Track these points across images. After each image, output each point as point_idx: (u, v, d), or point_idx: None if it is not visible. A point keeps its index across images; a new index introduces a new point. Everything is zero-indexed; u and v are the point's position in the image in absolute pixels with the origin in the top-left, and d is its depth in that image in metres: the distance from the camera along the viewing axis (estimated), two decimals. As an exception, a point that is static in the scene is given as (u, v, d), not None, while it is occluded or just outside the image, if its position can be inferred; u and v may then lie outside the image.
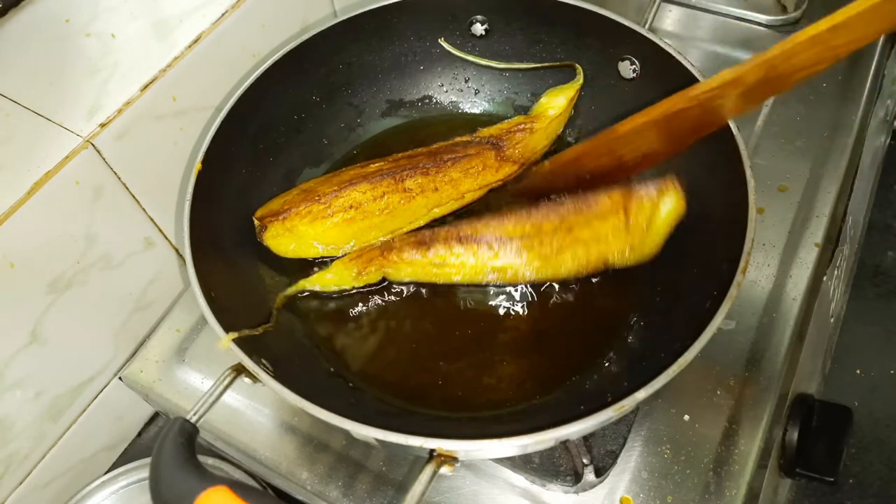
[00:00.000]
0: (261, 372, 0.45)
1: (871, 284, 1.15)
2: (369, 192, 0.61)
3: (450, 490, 0.56)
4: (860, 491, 0.96)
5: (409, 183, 0.62)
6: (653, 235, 0.56)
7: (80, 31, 0.61)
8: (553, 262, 0.57)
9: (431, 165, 0.63)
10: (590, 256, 0.57)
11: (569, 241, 0.57)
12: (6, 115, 0.55)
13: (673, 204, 0.56)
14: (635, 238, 0.56)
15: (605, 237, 0.57)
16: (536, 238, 0.57)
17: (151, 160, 0.61)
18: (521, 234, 0.58)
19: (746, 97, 0.50)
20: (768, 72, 0.48)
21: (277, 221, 0.59)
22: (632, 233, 0.56)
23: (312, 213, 0.60)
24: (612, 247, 0.57)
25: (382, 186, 0.61)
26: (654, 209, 0.56)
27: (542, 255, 0.57)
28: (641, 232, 0.56)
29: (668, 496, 0.54)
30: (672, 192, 0.56)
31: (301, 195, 0.61)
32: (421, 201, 0.62)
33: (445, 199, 0.63)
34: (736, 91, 0.49)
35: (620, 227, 0.56)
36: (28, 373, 0.57)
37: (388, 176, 0.61)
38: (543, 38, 0.69)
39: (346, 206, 0.60)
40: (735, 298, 0.45)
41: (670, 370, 0.42)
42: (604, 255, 0.57)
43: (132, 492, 0.63)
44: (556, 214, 0.58)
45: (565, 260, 0.57)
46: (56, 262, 0.55)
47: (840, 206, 0.69)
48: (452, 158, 0.63)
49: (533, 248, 0.57)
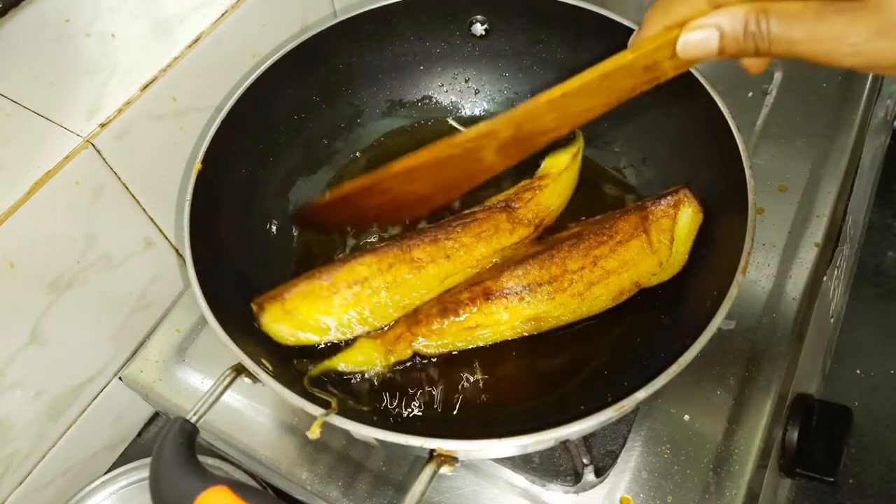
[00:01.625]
0: (261, 372, 0.45)
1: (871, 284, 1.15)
2: (375, 265, 0.56)
3: (450, 490, 0.56)
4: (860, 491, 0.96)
5: (416, 252, 0.57)
6: (678, 249, 0.56)
7: (80, 31, 0.61)
8: (588, 299, 0.56)
9: (439, 231, 0.59)
10: (623, 284, 0.56)
11: (598, 274, 0.56)
12: (6, 115, 0.55)
13: (690, 214, 0.56)
14: (662, 256, 0.56)
15: (633, 262, 0.56)
16: (565, 278, 0.56)
17: (151, 160, 0.61)
18: (549, 277, 0.56)
19: (503, 152, 0.51)
20: (517, 130, 0.49)
21: (277, 303, 0.54)
22: (657, 251, 0.56)
23: (315, 293, 0.55)
24: (641, 269, 0.56)
25: (389, 258, 0.57)
26: (672, 223, 0.56)
27: (575, 294, 0.56)
28: (666, 249, 0.56)
29: (668, 496, 0.54)
30: (686, 201, 0.56)
31: (301, 276, 0.57)
32: (432, 271, 0.58)
33: (459, 266, 0.58)
34: (493, 143, 0.50)
35: (645, 249, 0.56)
36: (28, 373, 0.57)
37: (394, 246, 0.58)
38: (543, 38, 0.69)
39: (351, 282, 0.56)
40: (735, 298, 0.45)
41: (670, 370, 0.42)
42: (635, 279, 0.56)
43: (132, 492, 0.63)
44: (579, 250, 0.56)
45: (599, 294, 0.56)
46: (56, 262, 0.55)
47: (840, 206, 0.69)
48: (462, 224, 0.59)
49: (564, 290, 0.56)
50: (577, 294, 0.56)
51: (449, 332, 0.55)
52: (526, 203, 0.61)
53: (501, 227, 0.60)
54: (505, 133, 0.50)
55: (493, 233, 0.60)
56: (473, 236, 0.59)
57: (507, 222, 0.60)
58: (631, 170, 0.66)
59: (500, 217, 0.60)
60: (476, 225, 0.59)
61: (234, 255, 0.59)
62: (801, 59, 0.37)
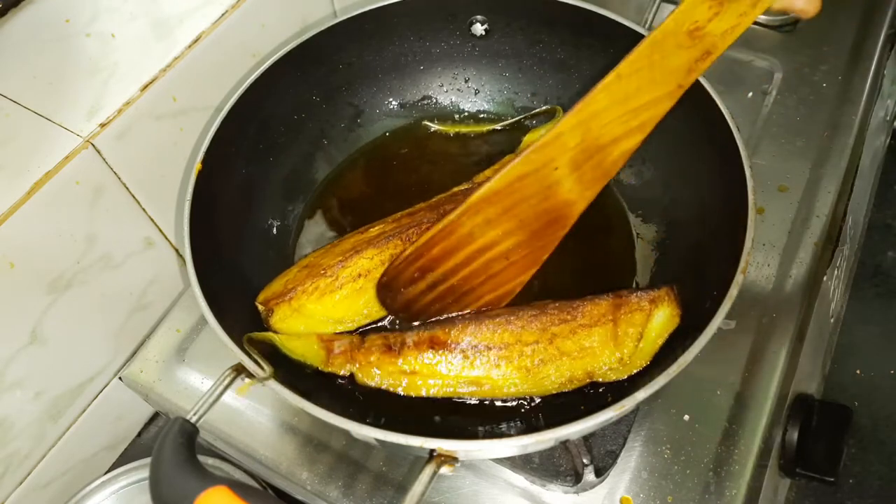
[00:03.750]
0: (261, 372, 0.45)
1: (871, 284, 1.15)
2: (377, 258, 0.57)
3: (450, 490, 0.56)
4: (860, 491, 0.96)
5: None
6: (643, 349, 0.52)
7: (80, 31, 0.61)
8: (534, 376, 0.52)
9: (437, 219, 0.58)
10: (574, 371, 0.52)
11: (551, 352, 0.52)
12: (6, 115, 0.55)
13: (667, 314, 0.52)
14: (624, 351, 0.52)
15: (592, 350, 0.52)
16: (516, 348, 0.53)
17: (151, 160, 0.61)
18: (500, 342, 0.53)
19: (578, 174, 0.50)
20: (584, 134, 0.48)
21: (284, 303, 0.55)
22: (621, 345, 0.52)
23: (320, 289, 0.56)
24: (598, 360, 0.52)
25: (389, 249, 0.58)
26: (645, 320, 0.52)
27: (522, 367, 0.52)
28: (632, 344, 0.52)
29: (668, 496, 0.54)
30: (666, 301, 0.52)
31: (304, 272, 0.58)
32: None
33: None
34: (563, 156, 0.49)
35: (608, 340, 0.52)
36: (28, 373, 0.57)
37: (394, 237, 0.58)
38: (543, 38, 0.69)
39: (354, 275, 0.57)
40: (735, 298, 0.45)
41: (670, 370, 0.42)
42: (589, 369, 0.52)
43: (132, 492, 0.63)
44: (539, 322, 0.53)
45: (547, 374, 0.52)
46: (56, 262, 0.55)
47: (840, 206, 0.69)
48: (454, 208, 0.59)
49: (512, 360, 0.53)
50: (524, 368, 0.52)
51: (385, 370, 0.53)
52: None
53: None
54: (571, 139, 0.49)
55: None
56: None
57: None
58: (630, 170, 0.66)
59: None
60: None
61: (235, 255, 0.59)
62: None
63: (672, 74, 0.46)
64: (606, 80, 0.47)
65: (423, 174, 0.70)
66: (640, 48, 0.45)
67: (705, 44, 0.45)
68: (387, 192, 0.69)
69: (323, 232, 0.67)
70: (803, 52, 0.79)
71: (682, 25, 0.44)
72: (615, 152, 0.49)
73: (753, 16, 0.44)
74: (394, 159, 0.71)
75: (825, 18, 0.59)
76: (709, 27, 0.44)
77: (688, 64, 0.46)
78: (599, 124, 0.48)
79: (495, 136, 0.72)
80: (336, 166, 0.71)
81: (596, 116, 0.48)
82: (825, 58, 0.79)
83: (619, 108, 0.47)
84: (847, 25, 0.82)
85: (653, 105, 0.47)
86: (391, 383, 0.53)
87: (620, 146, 0.49)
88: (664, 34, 0.45)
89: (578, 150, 0.49)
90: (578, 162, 0.50)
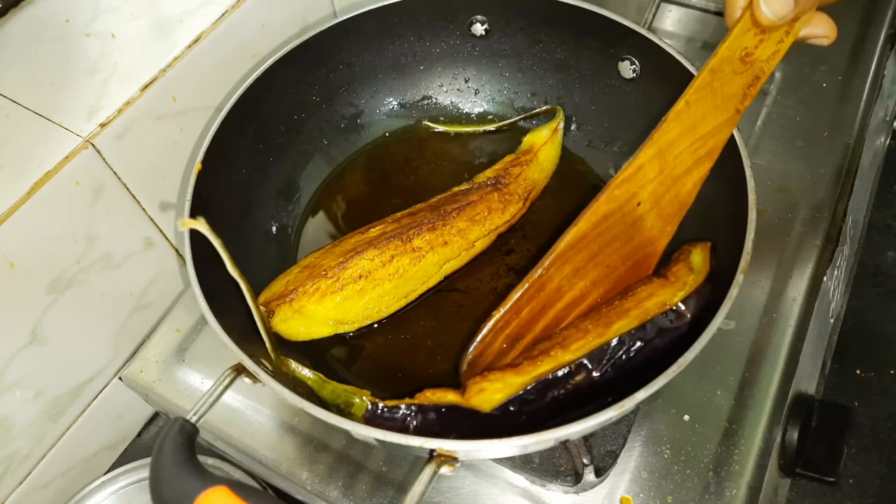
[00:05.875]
0: (261, 372, 0.45)
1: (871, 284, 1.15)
2: (377, 259, 0.57)
3: (450, 490, 0.56)
4: (860, 491, 0.96)
5: (417, 242, 0.58)
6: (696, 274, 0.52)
7: (80, 31, 0.61)
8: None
9: (437, 219, 0.59)
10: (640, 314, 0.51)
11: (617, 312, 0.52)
12: (6, 115, 0.55)
13: (699, 252, 0.53)
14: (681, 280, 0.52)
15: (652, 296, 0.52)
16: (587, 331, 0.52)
17: (151, 160, 0.61)
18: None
19: (658, 207, 0.51)
20: (661, 164, 0.50)
21: (285, 304, 0.55)
22: (674, 283, 0.52)
23: (321, 290, 0.56)
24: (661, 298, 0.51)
25: (390, 250, 0.58)
26: (688, 260, 0.53)
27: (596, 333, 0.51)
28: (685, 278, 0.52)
29: (668, 496, 0.54)
30: (697, 248, 0.53)
31: (305, 272, 0.58)
32: (432, 259, 0.59)
33: (456, 251, 0.60)
34: (644, 189, 0.51)
35: (662, 285, 0.52)
36: (28, 373, 0.57)
37: (395, 238, 0.58)
38: (543, 38, 0.69)
39: (355, 276, 0.57)
40: (735, 298, 0.45)
41: (670, 370, 0.42)
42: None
43: (132, 492, 0.63)
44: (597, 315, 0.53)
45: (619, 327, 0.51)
46: (56, 262, 0.55)
47: (840, 206, 0.69)
48: (457, 208, 0.60)
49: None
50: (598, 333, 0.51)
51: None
52: (515, 178, 0.64)
53: (493, 206, 0.62)
54: (651, 170, 0.50)
55: (487, 214, 0.62)
56: (468, 220, 0.61)
57: (499, 201, 0.63)
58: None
59: (492, 197, 0.62)
60: (470, 208, 0.61)
61: (234, 254, 0.58)
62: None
63: (731, 100, 0.49)
64: (676, 108, 0.49)
65: (423, 174, 0.70)
66: (702, 75, 0.49)
67: (755, 69, 0.49)
68: (387, 192, 0.69)
69: (323, 232, 0.67)
70: (803, 52, 0.79)
71: (736, 52, 0.48)
72: (689, 182, 0.52)
73: (789, 42, 0.48)
74: (394, 159, 0.71)
75: (825, 18, 0.59)
76: (757, 53, 0.48)
77: (742, 89, 0.49)
78: (673, 154, 0.50)
79: (495, 136, 0.72)
80: (336, 166, 0.71)
81: (670, 146, 0.50)
82: (825, 58, 0.79)
83: (690, 136, 0.50)
84: (847, 25, 0.82)
85: (717, 132, 0.50)
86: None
87: (692, 175, 0.51)
88: (720, 61, 0.48)
89: (657, 183, 0.51)
90: (658, 195, 0.51)
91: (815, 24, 0.47)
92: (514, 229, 0.65)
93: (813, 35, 0.48)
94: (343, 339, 0.59)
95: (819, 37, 0.48)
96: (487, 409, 0.47)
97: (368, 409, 0.47)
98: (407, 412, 0.47)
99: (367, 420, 0.47)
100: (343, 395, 0.50)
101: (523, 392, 0.47)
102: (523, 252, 0.64)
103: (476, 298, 0.61)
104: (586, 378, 0.48)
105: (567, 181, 0.68)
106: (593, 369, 0.48)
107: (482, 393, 0.47)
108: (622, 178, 0.51)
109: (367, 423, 0.42)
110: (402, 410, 0.47)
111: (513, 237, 0.65)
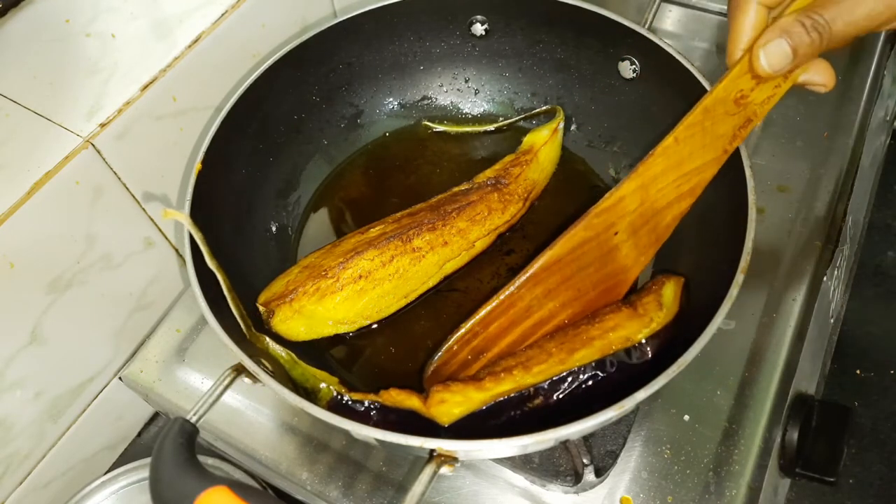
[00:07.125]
0: (261, 372, 0.45)
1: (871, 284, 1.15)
2: (377, 259, 0.57)
3: (450, 490, 0.56)
4: (860, 491, 0.96)
5: (417, 242, 0.58)
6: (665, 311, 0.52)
7: (80, 31, 0.61)
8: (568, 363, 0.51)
9: (437, 219, 0.59)
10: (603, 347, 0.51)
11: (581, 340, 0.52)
12: (6, 115, 0.55)
13: (672, 285, 0.53)
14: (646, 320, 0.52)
15: (618, 327, 0.52)
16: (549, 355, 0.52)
17: (151, 160, 0.61)
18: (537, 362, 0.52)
19: (635, 238, 0.51)
20: (642, 197, 0.51)
21: (285, 304, 0.55)
22: (642, 316, 0.52)
23: (321, 290, 0.56)
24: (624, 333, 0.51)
25: (390, 250, 0.58)
26: (658, 297, 0.53)
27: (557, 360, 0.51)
28: (653, 313, 0.52)
29: (668, 496, 0.54)
30: (670, 281, 0.53)
31: (304, 272, 0.58)
32: (432, 259, 0.59)
33: (456, 251, 0.60)
34: (622, 219, 0.51)
35: (630, 317, 0.52)
36: (28, 373, 0.57)
37: (395, 238, 0.58)
38: (543, 38, 0.69)
39: (355, 276, 0.57)
40: (735, 298, 0.45)
41: (670, 370, 0.42)
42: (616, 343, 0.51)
43: (132, 492, 0.63)
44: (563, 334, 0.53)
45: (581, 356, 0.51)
46: (56, 262, 0.55)
47: (840, 206, 0.69)
48: (457, 208, 0.60)
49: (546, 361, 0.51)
50: (560, 361, 0.51)
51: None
52: (515, 178, 0.64)
53: (493, 206, 0.62)
54: (632, 203, 0.51)
55: (487, 214, 0.62)
56: (468, 220, 0.61)
57: (499, 202, 0.62)
58: (630, 170, 0.66)
59: (492, 197, 0.62)
60: (470, 208, 0.61)
61: (234, 254, 0.59)
62: (857, 31, 0.41)
63: (720, 140, 0.49)
64: (664, 143, 0.49)
65: (423, 174, 0.70)
66: (694, 113, 0.48)
67: (748, 111, 0.48)
68: (387, 192, 0.69)
69: (323, 232, 0.67)
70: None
71: (731, 93, 0.48)
72: (668, 216, 0.52)
73: (785, 88, 0.48)
74: (394, 159, 0.71)
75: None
76: (752, 96, 0.48)
77: (733, 130, 0.49)
78: (656, 188, 0.51)
79: (495, 137, 0.73)
80: (336, 166, 0.71)
81: (654, 180, 0.50)
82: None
83: (675, 172, 0.50)
84: (847, 25, 0.82)
85: (702, 170, 0.50)
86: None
87: (673, 210, 0.52)
88: (715, 101, 0.48)
89: (637, 215, 0.51)
90: (636, 226, 0.52)
91: (814, 70, 0.47)
92: (514, 229, 0.65)
93: (811, 82, 0.47)
94: (343, 339, 0.59)
95: (817, 84, 0.47)
96: (446, 423, 0.48)
97: (333, 396, 0.48)
98: (370, 407, 0.48)
99: (330, 407, 0.48)
100: (311, 380, 0.50)
101: (481, 409, 0.48)
102: (523, 252, 0.64)
103: (476, 298, 0.61)
104: (542, 402, 0.49)
105: (567, 181, 0.68)
106: (550, 395, 0.49)
107: (443, 404, 0.48)
108: (602, 208, 0.51)
109: (330, 410, 0.43)
110: (366, 405, 0.48)
111: (513, 237, 0.65)
